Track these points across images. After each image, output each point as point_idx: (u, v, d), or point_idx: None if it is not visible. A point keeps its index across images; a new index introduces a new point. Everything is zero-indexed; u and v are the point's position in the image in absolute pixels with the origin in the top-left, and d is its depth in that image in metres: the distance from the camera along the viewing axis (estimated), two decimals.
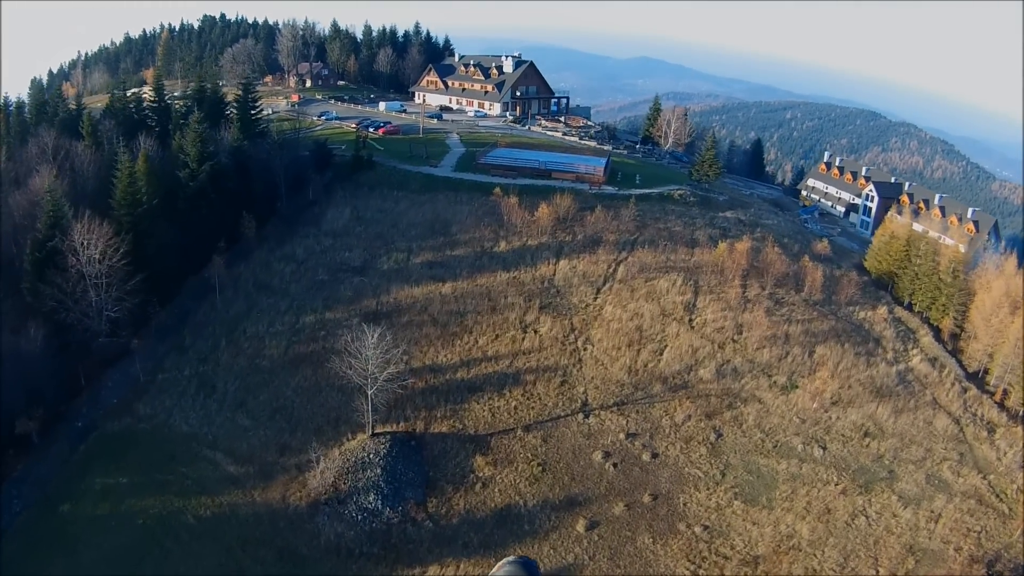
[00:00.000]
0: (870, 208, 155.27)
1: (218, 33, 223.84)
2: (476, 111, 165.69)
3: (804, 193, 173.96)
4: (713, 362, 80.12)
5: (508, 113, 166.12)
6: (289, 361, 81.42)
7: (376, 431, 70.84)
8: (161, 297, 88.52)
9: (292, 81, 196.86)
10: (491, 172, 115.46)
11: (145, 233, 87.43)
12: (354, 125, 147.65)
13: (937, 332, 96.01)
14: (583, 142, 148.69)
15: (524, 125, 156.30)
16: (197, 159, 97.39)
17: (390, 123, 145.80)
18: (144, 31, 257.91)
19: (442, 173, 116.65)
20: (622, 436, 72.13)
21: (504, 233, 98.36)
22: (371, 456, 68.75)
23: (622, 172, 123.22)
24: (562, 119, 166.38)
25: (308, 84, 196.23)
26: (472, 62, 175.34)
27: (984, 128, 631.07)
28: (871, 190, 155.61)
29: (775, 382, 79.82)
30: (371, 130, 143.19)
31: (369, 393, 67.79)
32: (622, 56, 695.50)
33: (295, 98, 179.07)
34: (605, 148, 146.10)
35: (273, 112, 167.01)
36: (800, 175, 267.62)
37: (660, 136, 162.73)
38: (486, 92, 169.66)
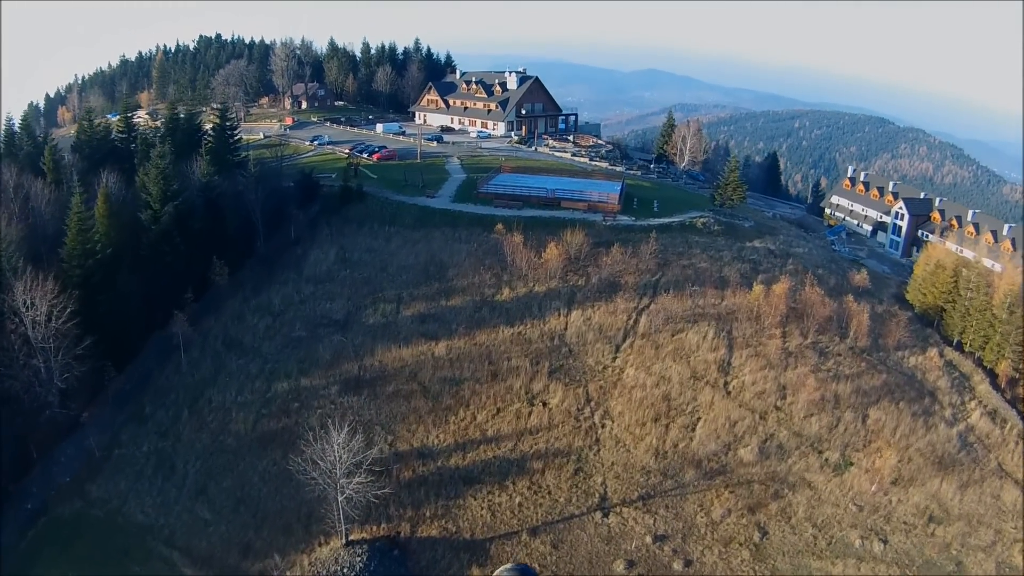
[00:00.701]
0: (900, 227, 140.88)
1: (213, 54, 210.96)
2: (479, 131, 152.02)
3: (828, 211, 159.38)
4: (755, 438, 65.76)
5: (513, 133, 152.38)
6: (257, 439, 67.82)
7: (351, 539, 56.93)
8: (118, 359, 75.67)
9: (287, 103, 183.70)
10: (494, 202, 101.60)
11: (98, 288, 74.26)
12: (347, 150, 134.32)
13: (993, 377, 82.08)
14: (594, 163, 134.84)
15: (530, 146, 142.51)
16: (160, 198, 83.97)
17: (385, 147, 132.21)
18: (140, 53, 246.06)
19: (439, 204, 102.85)
20: (648, 539, 57.70)
21: (507, 277, 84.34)
22: (345, 571, 54.89)
23: (638, 198, 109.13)
24: (570, 138, 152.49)
25: (304, 106, 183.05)
26: (474, 79, 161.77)
27: (988, 126, 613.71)
28: (901, 207, 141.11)
29: (827, 460, 65.53)
30: (365, 155, 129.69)
31: (339, 500, 53.95)
32: (628, 68, 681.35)
33: (289, 121, 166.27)
34: (617, 169, 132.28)
35: (265, 137, 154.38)
36: (816, 188, 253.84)
37: (675, 153, 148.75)
38: (489, 111, 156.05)
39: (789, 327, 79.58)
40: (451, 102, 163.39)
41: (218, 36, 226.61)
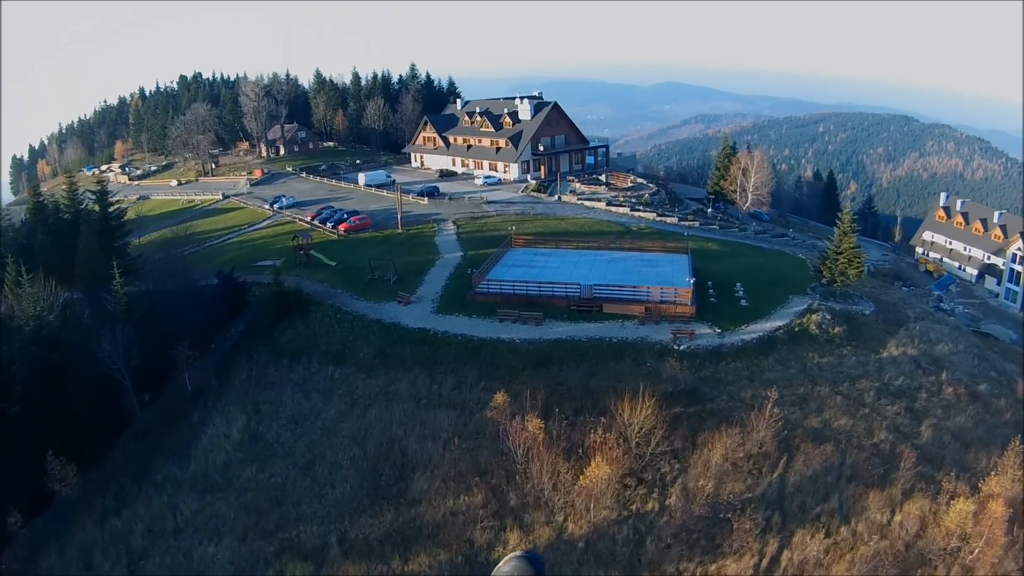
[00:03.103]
0: (1018, 272, 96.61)
1: (191, 96, 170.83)
2: (486, 177, 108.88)
3: (920, 251, 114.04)
4: None
5: (529, 176, 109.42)
6: None
7: None
8: None
9: (264, 149, 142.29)
10: (498, 313, 58.54)
11: None
12: (310, 218, 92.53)
13: None
14: (636, 212, 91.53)
15: (551, 194, 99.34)
16: None
17: (358, 214, 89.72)
18: (120, 98, 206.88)
19: (414, 319, 59.94)
20: None
21: (516, 502, 41.13)
22: None
23: (711, 278, 66.10)
24: (602, 177, 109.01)
25: (282, 152, 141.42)
26: (477, 110, 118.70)
27: (1004, 118, 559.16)
28: (1021, 247, 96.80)
29: None
30: (329, 226, 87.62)
31: None
32: (646, 83, 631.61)
33: (257, 174, 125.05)
34: (668, 220, 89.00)
35: (224, 197, 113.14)
36: (869, 203, 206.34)
37: (733, 190, 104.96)
38: (498, 149, 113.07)
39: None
40: (451, 140, 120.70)
41: (197, 76, 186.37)
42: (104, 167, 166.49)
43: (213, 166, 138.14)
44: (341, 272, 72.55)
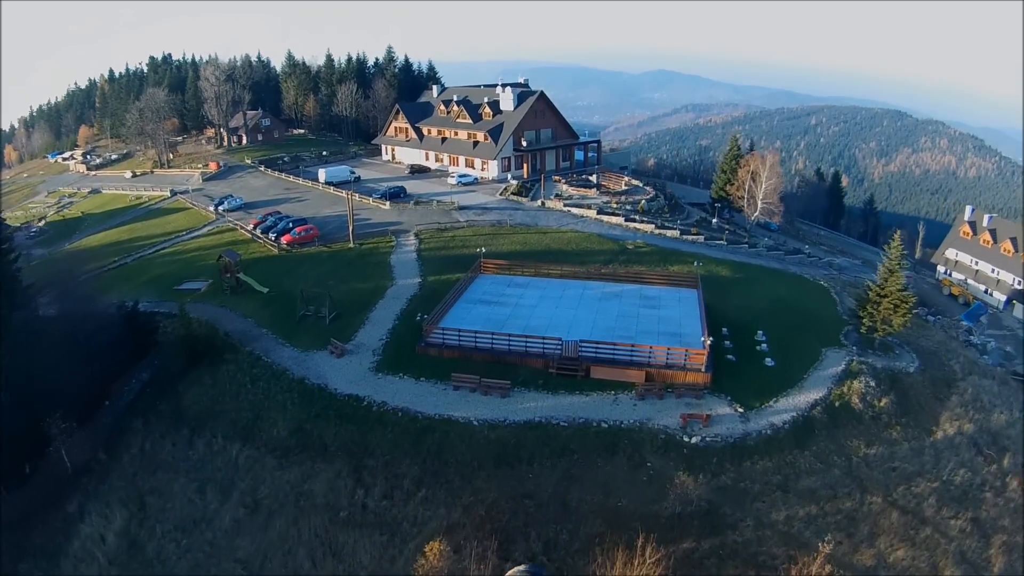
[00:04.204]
0: None
1: (158, 79, 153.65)
2: (459, 176, 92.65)
3: (943, 270, 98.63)
4: None
5: (510, 175, 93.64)
6: None
7: None
8: None
9: (225, 138, 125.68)
10: (453, 377, 42.89)
11: None
12: (252, 225, 76.72)
13: None
14: (632, 223, 76.10)
15: (534, 198, 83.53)
16: None
17: (305, 223, 73.73)
18: (90, 80, 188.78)
19: (344, 383, 44.17)
20: None
21: None
22: None
23: (726, 320, 50.97)
24: (593, 179, 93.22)
25: (244, 141, 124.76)
26: (455, 98, 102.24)
27: (996, 113, 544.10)
28: None
29: None
30: (272, 237, 71.72)
31: None
32: (637, 70, 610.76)
33: (213, 167, 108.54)
34: (668, 234, 73.67)
35: (173, 194, 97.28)
36: (870, 203, 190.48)
37: (741, 197, 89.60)
38: (476, 144, 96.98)
39: None
40: (425, 131, 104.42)
41: (167, 57, 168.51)
42: (68, 154, 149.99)
43: (170, 156, 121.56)
44: (272, 302, 56.85)
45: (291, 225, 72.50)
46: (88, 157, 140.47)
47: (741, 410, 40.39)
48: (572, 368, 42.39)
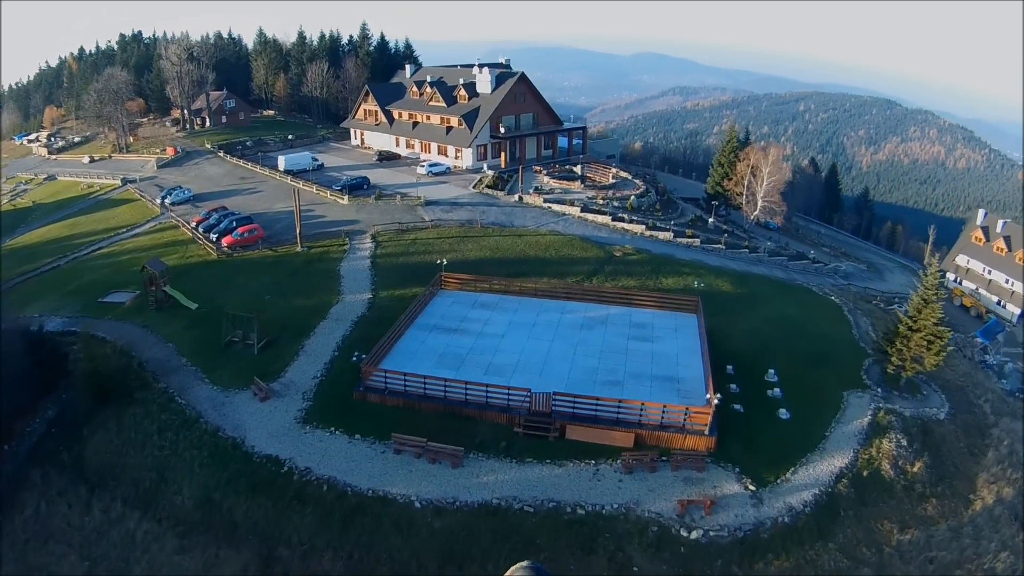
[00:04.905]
0: None
1: (126, 58, 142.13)
2: (430, 166, 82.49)
3: (953, 278, 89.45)
4: None
5: (486, 165, 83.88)
6: None
7: None
8: None
9: (186, 120, 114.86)
10: (393, 439, 33.46)
11: None
12: (195, 221, 66.92)
13: None
14: (619, 223, 66.88)
15: (511, 193, 73.84)
16: None
17: (250, 221, 63.70)
18: (61, 59, 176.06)
19: (263, 438, 34.62)
20: None
21: None
22: None
23: (731, 353, 41.93)
24: (578, 169, 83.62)
25: (208, 124, 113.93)
26: (428, 79, 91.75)
27: (985, 108, 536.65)
28: None
29: None
30: (214, 237, 61.94)
31: None
32: (626, 53, 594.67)
33: (170, 152, 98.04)
34: (661, 237, 64.56)
35: (125, 183, 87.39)
36: (865, 196, 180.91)
37: (739, 193, 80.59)
38: (449, 129, 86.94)
39: None
40: (396, 115, 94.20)
41: (137, 34, 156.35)
42: (34, 136, 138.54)
43: (130, 140, 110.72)
44: (200, 323, 47.15)
45: (234, 224, 62.56)
46: (52, 140, 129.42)
47: (752, 487, 31.35)
48: (543, 427, 33.16)
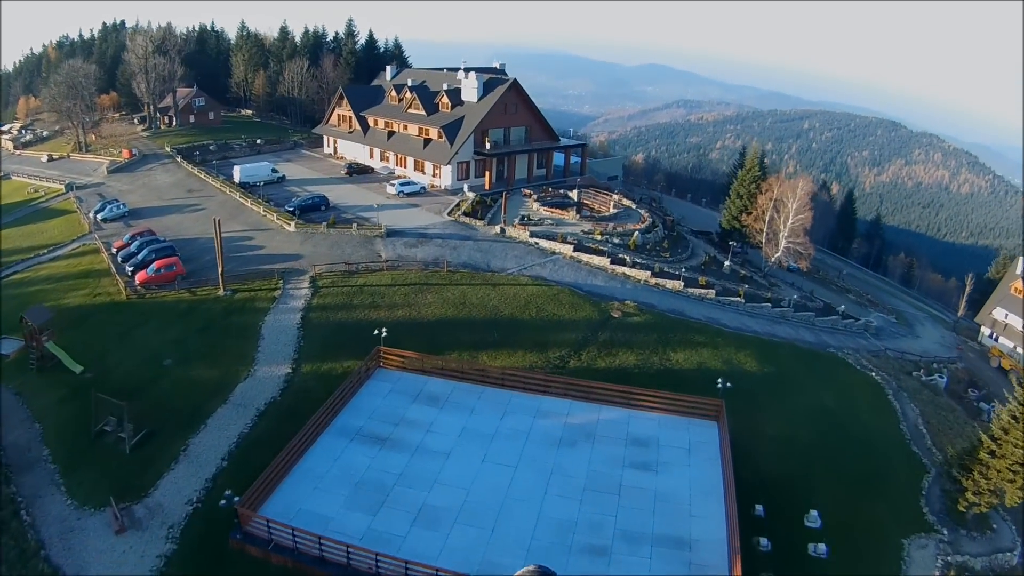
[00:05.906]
0: None
1: (105, 47, 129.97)
2: (401, 184, 69.83)
3: (987, 332, 76.19)
4: None
5: (467, 185, 71.27)
6: None
7: None
8: None
9: (149, 119, 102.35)
10: None
11: None
12: (116, 247, 54.42)
13: None
14: (620, 268, 54.43)
15: (493, 222, 61.18)
16: None
17: (171, 253, 50.99)
18: (44, 47, 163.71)
19: None
20: None
21: None
22: None
23: (759, 478, 29.80)
24: (574, 194, 70.98)
25: (173, 124, 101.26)
26: (409, 82, 79.12)
27: (987, 131, 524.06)
28: None
29: None
30: (129, 271, 49.39)
31: None
32: (630, 63, 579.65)
33: (125, 155, 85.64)
34: (669, 284, 52.13)
35: (68, 190, 74.94)
36: (876, 224, 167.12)
37: (760, 230, 67.96)
38: (427, 142, 74.25)
39: None
40: (371, 122, 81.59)
41: (120, 24, 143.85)
42: (7, 127, 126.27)
43: (92, 138, 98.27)
44: (79, 393, 34.87)
45: (152, 256, 49.96)
46: (22, 132, 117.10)
47: None
48: None
